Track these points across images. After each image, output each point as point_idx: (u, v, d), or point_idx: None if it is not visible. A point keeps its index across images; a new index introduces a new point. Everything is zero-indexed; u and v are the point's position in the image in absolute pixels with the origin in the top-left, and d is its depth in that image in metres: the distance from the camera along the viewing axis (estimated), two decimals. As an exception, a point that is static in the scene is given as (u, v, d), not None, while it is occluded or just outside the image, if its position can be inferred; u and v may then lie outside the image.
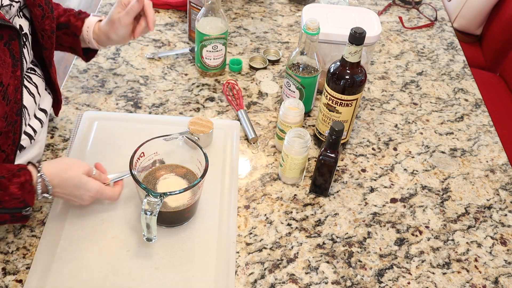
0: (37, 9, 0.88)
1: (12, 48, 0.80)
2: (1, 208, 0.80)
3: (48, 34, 0.93)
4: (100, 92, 1.23)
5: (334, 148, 0.97)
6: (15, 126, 0.85)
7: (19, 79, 0.83)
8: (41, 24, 0.90)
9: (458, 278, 0.94)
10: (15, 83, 0.82)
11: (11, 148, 0.86)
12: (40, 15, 0.89)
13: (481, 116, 1.29)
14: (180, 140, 0.95)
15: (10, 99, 0.82)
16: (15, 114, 0.84)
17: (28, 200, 0.81)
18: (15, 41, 0.81)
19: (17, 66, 0.82)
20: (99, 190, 0.90)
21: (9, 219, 0.83)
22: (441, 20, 1.63)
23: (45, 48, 0.94)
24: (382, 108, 1.28)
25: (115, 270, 0.88)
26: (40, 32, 0.91)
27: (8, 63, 0.79)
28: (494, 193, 1.11)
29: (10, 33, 0.79)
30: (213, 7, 1.19)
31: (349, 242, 0.98)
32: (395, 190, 1.09)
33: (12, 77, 0.81)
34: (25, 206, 0.81)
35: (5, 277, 0.86)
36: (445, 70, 1.43)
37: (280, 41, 1.46)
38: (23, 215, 0.83)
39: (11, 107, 0.82)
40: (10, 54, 0.80)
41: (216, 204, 0.99)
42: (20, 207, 0.81)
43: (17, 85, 0.83)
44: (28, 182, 0.81)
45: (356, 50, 0.98)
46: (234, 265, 0.91)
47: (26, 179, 0.81)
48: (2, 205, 0.80)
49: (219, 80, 1.30)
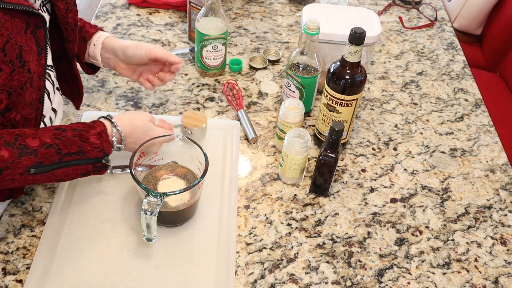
0: (61, 3, 0.90)
1: (37, 36, 0.82)
2: (86, 159, 0.85)
3: (72, 27, 0.95)
4: (100, 92, 1.23)
5: (334, 148, 0.97)
6: (37, 113, 0.88)
7: (43, 67, 0.86)
8: (65, 18, 0.92)
9: (458, 278, 0.94)
10: (39, 70, 0.85)
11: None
12: (64, 8, 0.91)
13: (481, 116, 1.29)
14: (180, 140, 0.95)
15: (35, 86, 0.84)
16: (38, 101, 0.87)
17: (107, 149, 0.87)
18: (41, 30, 0.83)
19: (42, 54, 0.84)
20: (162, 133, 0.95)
21: (91, 169, 0.88)
22: (441, 20, 1.63)
23: (69, 40, 0.96)
24: (382, 108, 1.28)
25: (115, 270, 0.88)
26: (64, 26, 0.93)
27: (34, 51, 0.82)
28: (494, 193, 1.11)
29: (36, 21, 0.81)
30: (213, 7, 1.19)
31: (349, 242, 0.98)
32: (395, 190, 1.09)
33: (37, 65, 0.83)
34: (104, 154, 0.87)
35: (5, 277, 0.86)
36: (445, 70, 1.43)
37: (280, 41, 1.46)
38: (103, 164, 0.88)
39: (36, 94, 0.85)
40: (36, 42, 0.82)
41: (216, 204, 0.99)
42: (100, 157, 0.87)
43: (41, 72, 0.85)
44: (103, 131, 0.87)
45: (356, 50, 0.98)
46: (234, 265, 0.91)
47: (101, 129, 0.87)
48: (86, 155, 0.85)
49: (219, 80, 1.30)
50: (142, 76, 1.10)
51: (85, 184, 1.00)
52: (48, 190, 1.00)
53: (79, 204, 0.96)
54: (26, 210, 0.96)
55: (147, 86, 1.10)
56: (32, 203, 0.97)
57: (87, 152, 0.85)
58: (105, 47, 1.06)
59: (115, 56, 1.06)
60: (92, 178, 1.00)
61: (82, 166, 0.86)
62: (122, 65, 1.08)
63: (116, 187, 1.00)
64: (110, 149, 0.88)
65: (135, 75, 1.10)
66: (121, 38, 1.39)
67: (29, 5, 0.78)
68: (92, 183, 1.00)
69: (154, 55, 1.04)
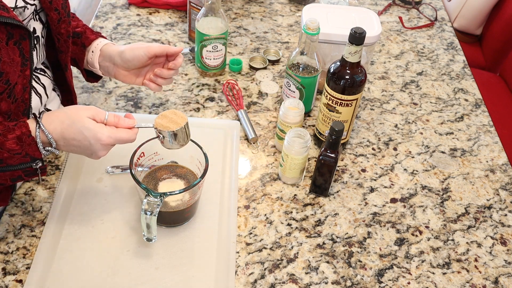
0: (54, 13, 0.88)
1: (22, 47, 0.81)
2: (6, 166, 0.77)
3: (64, 38, 0.93)
4: (100, 92, 1.23)
5: (334, 148, 0.98)
6: None
7: (28, 78, 0.83)
8: (57, 28, 0.90)
9: (458, 278, 0.94)
10: (24, 82, 0.82)
11: None
12: (56, 18, 0.89)
13: (481, 116, 1.29)
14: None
15: (17, 98, 0.82)
16: (22, 113, 0.84)
17: (32, 153, 0.77)
18: (26, 41, 0.81)
19: (27, 66, 0.82)
20: (110, 134, 0.80)
21: (22, 175, 0.80)
22: (441, 20, 1.63)
23: (61, 51, 0.94)
24: (382, 108, 1.28)
25: (115, 270, 0.88)
26: (56, 36, 0.92)
27: (17, 62, 0.80)
28: (494, 193, 1.11)
29: (21, 32, 0.80)
30: (213, 7, 1.19)
31: (349, 242, 0.98)
32: (395, 190, 1.09)
33: (20, 76, 0.81)
34: (32, 159, 0.78)
35: (5, 277, 0.86)
36: (445, 70, 1.43)
37: (280, 41, 1.46)
38: (35, 168, 0.79)
39: (17, 106, 0.83)
40: (20, 53, 0.80)
41: (216, 204, 0.99)
42: (27, 162, 0.78)
43: (25, 84, 0.83)
44: (25, 134, 0.77)
45: (356, 50, 0.98)
46: (234, 265, 0.91)
47: (22, 131, 0.77)
48: (5, 162, 0.76)
49: (219, 80, 1.30)
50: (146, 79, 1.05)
51: (85, 184, 1.00)
52: (48, 190, 1.00)
53: (79, 204, 0.96)
54: (26, 210, 0.96)
55: (152, 87, 1.04)
56: (32, 203, 0.97)
57: (6, 159, 0.76)
58: (103, 54, 1.02)
59: (114, 63, 1.02)
60: (92, 177, 1.01)
61: (8, 172, 0.78)
62: (122, 72, 1.03)
63: (116, 187, 1.00)
64: (38, 154, 0.78)
65: (139, 79, 1.04)
66: (121, 38, 1.39)
67: (10, 16, 0.75)
68: (92, 183, 1.00)
69: (153, 51, 0.99)
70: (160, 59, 1.03)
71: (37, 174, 0.81)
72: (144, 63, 1.01)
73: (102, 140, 0.79)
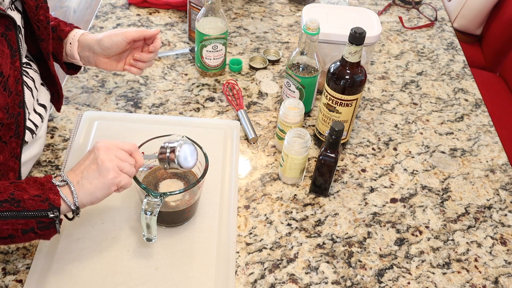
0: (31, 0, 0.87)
1: (9, 38, 0.80)
2: (23, 210, 0.72)
3: (44, 25, 0.91)
4: (100, 92, 1.23)
5: (334, 148, 0.98)
6: (18, 119, 0.84)
7: (19, 70, 0.83)
8: (36, 15, 0.89)
9: (458, 278, 0.94)
10: (15, 74, 0.82)
11: (16, 141, 0.86)
12: (34, 5, 0.88)
13: (481, 116, 1.29)
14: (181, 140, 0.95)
15: (12, 90, 0.81)
16: (18, 106, 0.84)
17: (53, 200, 0.73)
18: (12, 32, 0.80)
19: (16, 57, 0.82)
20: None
21: (36, 226, 0.74)
22: (441, 20, 1.63)
23: (42, 39, 0.93)
24: (382, 108, 1.28)
25: (115, 270, 0.88)
26: (35, 24, 0.90)
27: (7, 54, 0.79)
28: (494, 193, 1.11)
29: (6, 23, 0.79)
30: (213, 7, 1.19)
31: (349, 242, 0.98)
32: (395, 190, 1.09)
33: (12, 68, 0.80)
34: (51, 207, 0.73)
35: (5, 277, 0.86)
36: (445, 70, 1.43)
37: (280, 41, 1.46)
38: (51, 220, 0.74)
39: (13, 99, 0.82)
40: (8, 44, 0.79)
41: (216, 204, 0.99)
42: (45, 209, 0.73)
43: (17, 76, 0.82)
44: (48, 181, 0.76)
45: (356, 50, 0.98)
46: (234, 265, 0.91)
47: (46, 179, 0.76)
48: (22, 205, 0.72)
49: (219, 80, 1.30)
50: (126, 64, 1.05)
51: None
52: (48, 190, 1.00)
53: (79, 204, 0.96)
54: (26, 210, 0.96)
55: (133, 71, 1.04)
56: (32, 203, 0.97)
57: (23, 201, 0.72)
58: (82, 44, 1.02)
59: (93, 52, 1.02)
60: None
61: (20, 220, 0.72)
62: (103, 59, 1.03)
63: (116, 187, 1.00)
64: (59, 200, 0.74)
65: (120, 64, 1.05)
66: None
67: None
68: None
69: (131, 36, 1.00)
70: (139, 43, 1.04)
71: (50, 228, 0.76)
72: (123, 48, 1.02)
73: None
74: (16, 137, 0.85)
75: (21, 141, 0.87)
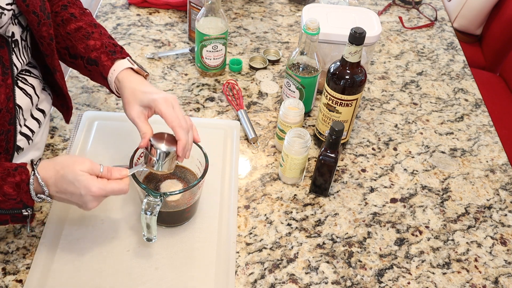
0: (32, 16, 0.85)
1: (1, 55, 0.79)
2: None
3: (47, 41, 0.89)
4: (100, 92, 1.23)
5: (334, 148, 0.98)
6: (8, 135, 0.84)
7: (10, 87, 0.82)
8: (39, 31, 0.87)
9: (458, 278, 0.94)
10: (7, 91, 0.81)
11: (5, 156, 0.85)
12: (36, 22, 0.86)
13: (481, 116, 1.29)
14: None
15: (1, 108, 0.80)
16: (8, 123, 0.83)
17: (27, 200, 0.77)
18: (4, 49, 0.80)
19: (7, 75, 0.80)
20: (101, 186, 0.78)
21: (9, 219, 0.80)
22: (441, 20, 1.63)
23: (46, 55, 0.91)
24: (382, 108, 1.28)
25: (115, 270, 0.88)
26: (39, 40, 0.89)
27: None
28: (494, 193, 1.11)
29: None
30: (213, 7, 1.19)
31: (349, 242, 0.98)
32: (395, 190, 1.09)
33: (2, 86, 0.79)
34: (24, 206, 0.78)
35: (5, 277, 0.86)
36: (445, 70, 1.43)
37: (280, 41, 1.46)
38: (24, 215, 0.79)
39: (3, 116, 0.81)
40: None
41: (216, 204, 0.99)
42: (19, 208, 0.78)
43: (9, 93, 0.81)
44: (24, 182, 0.77)
45: (356, 50, 0.98)
46: (234, 265, 0.91)
47: (21, 178, 0.76)
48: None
49: (219, 80, 1.30)
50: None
51: (85, 184, 1.00)
52: (48, 190, 1.00)
53: (79, 204, 0.96)
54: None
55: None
56: (32, 203, 0.97)
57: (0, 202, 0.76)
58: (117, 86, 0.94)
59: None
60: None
61: None
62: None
63: (116, 187, 1.00)
64: (31, 201, 0.78)
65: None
66: (121, 38, 1.39)
67: None
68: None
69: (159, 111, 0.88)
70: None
71: (24, 221, 0.80)
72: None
73: (92, 191, 0.77)
74: (5, 153, 0.85)
75: (10, 156, 0.87)
